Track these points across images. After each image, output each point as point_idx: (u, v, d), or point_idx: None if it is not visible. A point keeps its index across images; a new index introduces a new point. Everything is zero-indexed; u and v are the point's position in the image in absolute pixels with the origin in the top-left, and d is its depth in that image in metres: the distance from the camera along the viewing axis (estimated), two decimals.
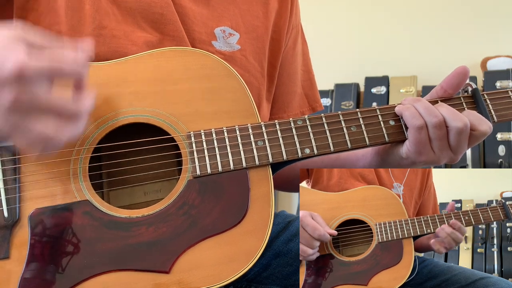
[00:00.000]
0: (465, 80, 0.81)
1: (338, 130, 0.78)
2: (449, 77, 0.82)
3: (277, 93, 1.06)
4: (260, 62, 0.97)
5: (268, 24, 0.99)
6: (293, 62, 1.08)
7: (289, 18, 1.03)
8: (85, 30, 0.81)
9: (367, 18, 2.84)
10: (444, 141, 0.78)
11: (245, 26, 0.95)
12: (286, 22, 1.02)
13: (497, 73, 2.38)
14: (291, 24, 1.04)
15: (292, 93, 1.08)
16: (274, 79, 1.02)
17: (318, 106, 1.14)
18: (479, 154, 2.24)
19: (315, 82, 1.15)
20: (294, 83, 1.09)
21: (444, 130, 0.77)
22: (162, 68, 0.78)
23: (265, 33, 0.98)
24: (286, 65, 1.05)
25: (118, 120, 0.74)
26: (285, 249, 0.99)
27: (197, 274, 0.68)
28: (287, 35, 1.04)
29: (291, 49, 1.07)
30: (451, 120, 0.77)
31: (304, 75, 1.12)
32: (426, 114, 0.77)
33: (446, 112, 0.78)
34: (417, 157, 0.80)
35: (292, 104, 1.08)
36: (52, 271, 0.65)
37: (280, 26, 1.01)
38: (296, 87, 1.09)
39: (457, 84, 0.82)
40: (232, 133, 0.76)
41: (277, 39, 1.01)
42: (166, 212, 0.70)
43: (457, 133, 0.77)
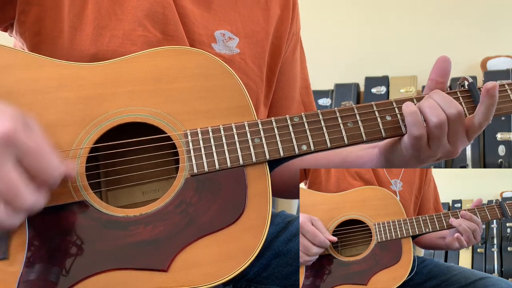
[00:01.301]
0: (450, 66, 0.81)
1: (335, 126, 0.78)
2: (436, 67, 0.83)
3: (275, 97, 1.06)
4: (259, 66, 0.97)
5: (269, 29, 0.99)
6: (293, 68, 1.08)
7: (290, 25, 1.04)
8: (86, 29, 0.82)
9: (367, 18, 2.84)
10: (443, 130, 0.78)
11: (245, 31, 0.96)
12: (287, 29, 1.03)
13: (497, 73, 2.38)
14: (291, 30, 1.05)
15: (291, 98, 1.09)
16: (272, 84, 1.03)
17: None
18: (479, 154, 2.24)
19: (311, 92, 1.16)
20: (293, 89, 1.09)
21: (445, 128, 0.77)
22: (158, 67, 0.78)
23: (265, 38, 0.99)
24: (285, 71, 1.06)
25: (115, 119, 0.74)
26: (285, 249, 0.99)
27: (195, 272, 0.68)
28: (287, 41, 1.04)
29: (290, 55, 1.07)
30: (445, 107, 0.77)
31: (302, 83, 1.13)
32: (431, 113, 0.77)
33: (440, 99, 0.78)
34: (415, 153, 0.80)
35: (291, 110, 1.08)
36: (50, 271, 0.65)
37: (281, 32, 1.02)
38: (295, 93, 1.10)
39: (445, 71, 0.82)
40: (229, 131, 0.76)
41: (278, 44, 1.01)
42: (164, 211, 0.70)
43: (451, 119, 0.77)
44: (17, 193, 0.57)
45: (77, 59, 0.79)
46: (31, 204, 0.59)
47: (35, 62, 0.74)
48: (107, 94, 0.75)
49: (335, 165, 1.01)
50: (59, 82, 0.73)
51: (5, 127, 0.56)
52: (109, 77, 0.76)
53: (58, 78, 0.74)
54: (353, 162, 0.98)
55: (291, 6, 1.04)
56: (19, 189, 0.57)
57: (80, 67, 0.76)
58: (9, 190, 0.57)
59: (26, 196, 0.58)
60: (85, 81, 0.75)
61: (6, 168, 0.56)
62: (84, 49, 0.81)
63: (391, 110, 0.81)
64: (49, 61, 0.75)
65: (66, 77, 0.74)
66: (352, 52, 2.81)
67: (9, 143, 0.56)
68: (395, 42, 2.77)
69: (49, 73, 0.73)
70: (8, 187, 0.56)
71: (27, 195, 0.58)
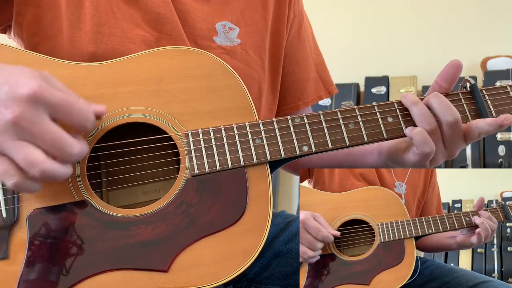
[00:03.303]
0: (459, 71, 0.80)
1: (336, 127, 0.78)
2: (443, 71, 0.82)
3: (288, 82, 1.05)
4: (260, 55, 0.97)
5: (267, 16, 0.99)
6: (301, 49, 1.07)
7: (288, 7, 1.03)
8: (84, 27, 0.82)
9: (367, 18, 2.84)
10: (438, 135, 0.78)
11: (244, 20, 0.96)
12: (285, 12, 1.02)
13: (497, 73, 2.38)
14: (291, 12, 1.04)
15: (305, 80, 1.08)
16: (278, 70, 1.02)
17: (333, 89, 1.14)
18: (479, 154, 2.24)
19: (326, 66, 1.14)
20: (305, 69, 1.08)
21: (438, 132, 0.77)
22: (159, 67, 0.78)
23: (264, 26, 0.98)
24: (293, 53, 1.05)
25: (116, 119, 0.74)
26: (285, 249, 0.99)
27: (195, 273, 0.68)
28: (287, 24, 1.03)
29: (296, 37, 1.06)
30: (442, 114, 0.76)
31: (317, 59, 1.12)
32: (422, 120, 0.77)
33: (438, 105, 0.77)
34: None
35: (307, 91, 1.08)
36: (51, 271, 0.65)
37: (279, 16, 1.01)
38: (309, 73, 1.09)
39: (452, 77, 0.81)
40: (230, 131, 0.76)
41: (278, 30, 1.01)
42: (164, 211, 0.70)
43: (448, 126, 0.76)
44: (64, 143, 0.59)
45: (76, 57, 0.79)
46: (78, 151, 0.61)
47: (38, 62, 0.74)
48: (108, 94, 0.75)
49: (340, 160, 1.02)
50: (61, 81, 0.73)
51: (30, 86, 0.57)
52: (110, 77, 0.76)
53: (61, 77, 0.73)
54: (355, 160, 0.98)
55: None
56: (64, 139, 0.59)
57: (82, 67, 0.76)
58: (55, 142, 0.58)
59: (72, 144, 0.60)
60: (87, 80, 0.75)
61: (44, 123, 0.58)
62: (83, 48, 0.81)
63: (393, 112, 0.80)
64: (52, 61, 0.75)
65: (69, 77, 0.74)
66: (352, 52, 2.81)
67: (37, 100, 0.57)
68: (395, 42, 2.77)
69: (51, 73, 0.73)
70: (53, 140, 0.58)
71: (73, 143, 0.60)
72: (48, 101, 0.58)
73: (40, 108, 0.58)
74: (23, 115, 0.56)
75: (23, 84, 0.57)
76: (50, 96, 0.58)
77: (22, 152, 0.57)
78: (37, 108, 0.57)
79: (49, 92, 0.58)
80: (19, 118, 0.56)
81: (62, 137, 0.59)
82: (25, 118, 0.56)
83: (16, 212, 0.68)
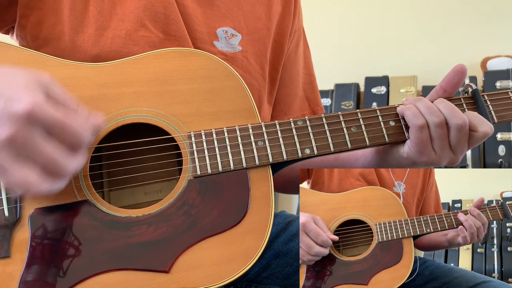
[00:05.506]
0: (463, 78, 0.81)
1: (338, 131, 0.78)
2: (448, 76, 0.82)
3: (278, 95, 1.06)
4: (261, 64, 0.97)
5: (270, 26, 0.99)
6: (295, 65, 1.08)
7: (292, 21, 1.03)
8: (87, 30, 0.82)
9: (367, 18, 2.84)
10: (445, 140, 0.78)
11: (247, 28, 0.96)
12: (289, 25, 1.02)
13: (497, 73, 2.38)
14: (294, 27, 1.05)
15: (293, 96, 1.08)
16: (276, 81, 1.03)
17: (319, 109, 1.13)
18: (479, 154, 2.24)
19: (316, 86, 1.14)
20: (296, 85, 1.09)
21: (445, 129, 0.77)
22: (163, 68, 0.78)
23: (267, 35, 0.98)
24: (288, 68, 1.06)
25: (119, 120, 0.74)
26: (285, 249, 0.99)
27: (196, 274, 0.68)
28: (289, 37, 1.04)
29: (293, 52, 1.07)
30: (451, 117, 0.77)
31: (305, 78, 1.12)
32: (428, 113, 0.77)
33: (445, 109, 0.77)
34: (418, 157, 0.79)
35: (293, 107, 1.08)
36: (52, 270, 0.65)
37: (283, 28, 1.01)
38: (298, 90, 1.09)
39: (456, 83, 0.82)
40: (233, 133, 0.76)
41: (280, 41, 1.01)
42: (166, 212, 0.70)
43: (457, 130, 0.76)
44: (57, 164, 0.59)
45: (80, 60, 0.79)
46: (74, 168, 0.61)
47: (40, 61, 0.74)
48: (112, 94, 0.75)
49: (328, 162, 1.01)
50: (63, 81, 0.73)
51: (25, 102, 0.56)
52: (114, 77, 0.76)
53: (62, 78, 0.73)
54: (347, 159, 0.98)
55: (293, 2, 1.04)
56: (57, 159, 0.59)
57: (85, 67, 0.76)
58: (48, 162, 0.58)
59: (66, 164, 0.60)
60: (90, 81, 0.75)
61: (38, 143, 0.57)
62: (86, 50, 0.81)
63: (395, 116, 0.81)
64: (55, 61, 0.75)
65: (70, 77, 0.74)
66: (352, 52, 2.81)
67: (32, 119, 0.56)
68: (395, 42, 2.77)
69: (53, 73, 0.73)
70: (46, 160, 0.58)
71: (66, 162, 0.60)
72: (42, 121, 0.57)
73: (35, 126, 0.57)
74: (18, 134, 0.56)
75: (19, 99, 0.56)
76: (44, 116, 0.57)
77: (18, 173, 0.57)
78: (32, 126, 0.56)
79: (43, 111, 0.57)
80: (15, 137, 0.55)
81: (57, 158, 0.59)
82: (21, 137, 0.56)
83: (18, 211, 0.68)
